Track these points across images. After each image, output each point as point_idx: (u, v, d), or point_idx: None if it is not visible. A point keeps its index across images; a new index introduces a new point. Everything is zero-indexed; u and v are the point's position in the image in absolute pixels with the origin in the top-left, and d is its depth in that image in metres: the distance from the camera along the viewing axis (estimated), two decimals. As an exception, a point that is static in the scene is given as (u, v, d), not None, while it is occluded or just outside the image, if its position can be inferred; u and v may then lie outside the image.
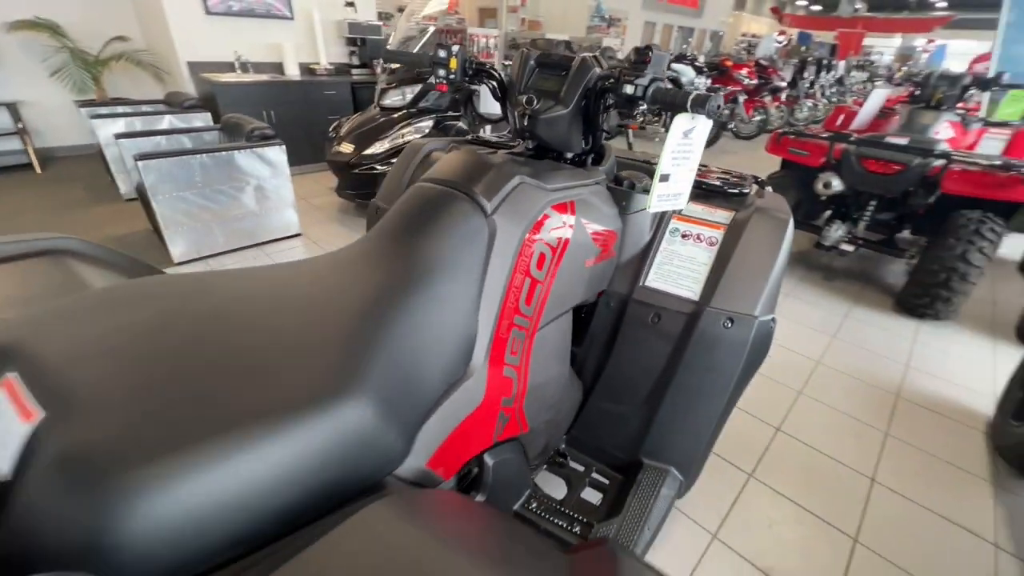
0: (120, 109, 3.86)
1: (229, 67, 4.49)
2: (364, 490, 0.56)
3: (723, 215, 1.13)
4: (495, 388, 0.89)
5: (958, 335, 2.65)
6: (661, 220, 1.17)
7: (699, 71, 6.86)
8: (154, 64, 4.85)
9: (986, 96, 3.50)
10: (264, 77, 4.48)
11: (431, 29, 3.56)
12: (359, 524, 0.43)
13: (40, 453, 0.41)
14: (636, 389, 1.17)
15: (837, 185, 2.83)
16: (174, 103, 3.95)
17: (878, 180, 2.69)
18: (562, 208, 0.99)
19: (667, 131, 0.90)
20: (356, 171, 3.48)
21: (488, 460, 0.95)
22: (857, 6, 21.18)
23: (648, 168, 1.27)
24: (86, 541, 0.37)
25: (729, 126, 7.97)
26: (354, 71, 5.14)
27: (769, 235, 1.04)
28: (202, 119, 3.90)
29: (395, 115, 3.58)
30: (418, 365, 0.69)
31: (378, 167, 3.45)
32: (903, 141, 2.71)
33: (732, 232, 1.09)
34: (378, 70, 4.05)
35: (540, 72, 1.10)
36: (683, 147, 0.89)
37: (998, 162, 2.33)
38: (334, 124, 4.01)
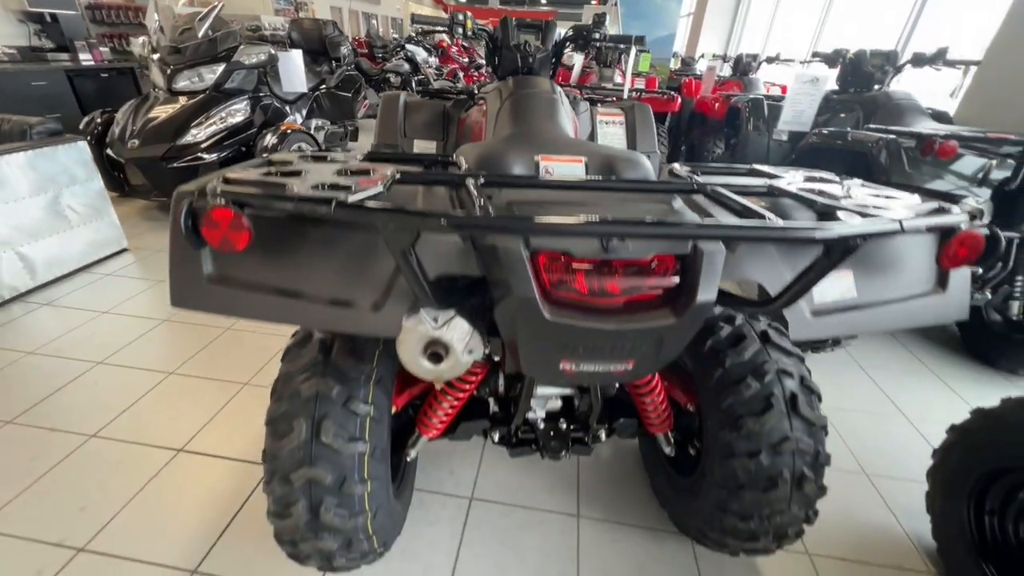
0: None
1: None
2: None
3: (617, 109, 2.08)
4: None
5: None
6: (593, 117, 2.04)
7: (428, 51, 7.86)
8: None
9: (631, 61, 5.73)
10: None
11: (219, 5, 3.29)
12: None
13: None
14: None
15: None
16: None
17: (607, 111, 4.26)
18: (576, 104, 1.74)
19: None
20: (175, 165, 3.05)
21: None
22: (495, -2, 26.09)
23: (566, 88, 2.11)
24: None
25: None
26: (51, 56, 3.97)
27: (646, 113, 2.05)
28: None
29: (192, 100, 3.24)
30: None
31: (205, 156, 3.12)
32: (610, 86, 4.33)
33: (628, 116, 2.05)
34: (136, 50, 3.36)
35: (520, 30, 1.77)
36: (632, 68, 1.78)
37: (664, 92, 4.14)
38: (87, 121, 3.27)
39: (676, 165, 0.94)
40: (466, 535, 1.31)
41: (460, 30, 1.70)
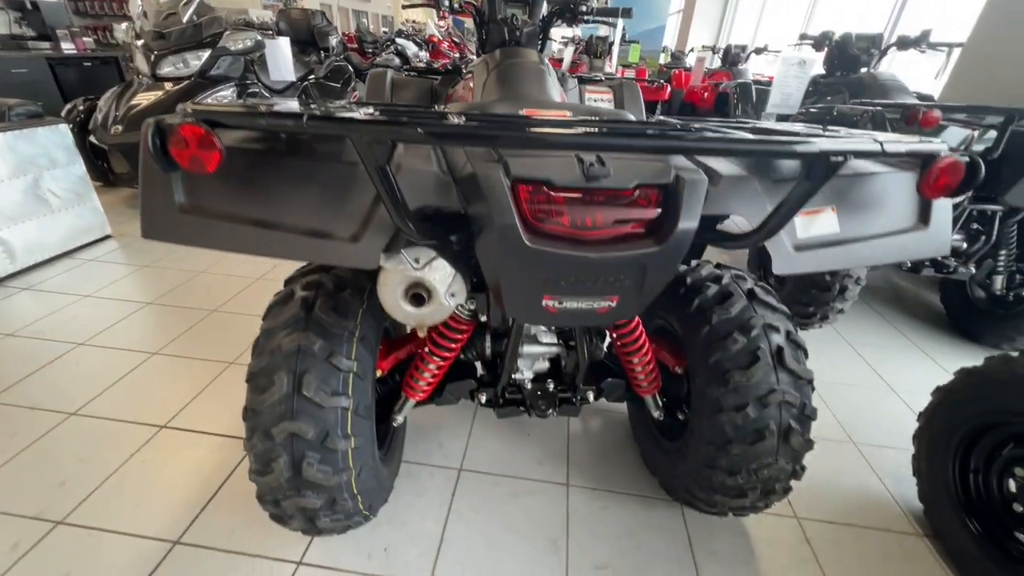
0: None
1: None
2: None
3: (605, 88, 2.08)
4: None
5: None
6: (581, 94, 2.03)
7: (419, 45, 7.84)
8: None
9: (615, 50, 5.71)
10: None
11: (201, -10, 3.24)
12: None
13: None
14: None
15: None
16: None
17: (598, 100, 4.27)
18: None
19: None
20: (160, 151, 3.00)
21: None
22: None
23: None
24: None
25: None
26: (32, 44, 3.89)
27: (635, 92, 2.05)
28: None
29: (177, 86, 3.19)
30: None
31: (190, 143, 3.07)
32: (601, 76, 4.33)
33: (616, 94, 2.05)
34: (119, 36, 3.30)
35: (507, 4, 1.76)
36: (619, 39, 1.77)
37: (653, 81, 4.15)
38: (68, 108, 3.22)
39: (662, 117, 0.94)
40: (455, 504, 1.30)
41: (447, 3, 1.68)
